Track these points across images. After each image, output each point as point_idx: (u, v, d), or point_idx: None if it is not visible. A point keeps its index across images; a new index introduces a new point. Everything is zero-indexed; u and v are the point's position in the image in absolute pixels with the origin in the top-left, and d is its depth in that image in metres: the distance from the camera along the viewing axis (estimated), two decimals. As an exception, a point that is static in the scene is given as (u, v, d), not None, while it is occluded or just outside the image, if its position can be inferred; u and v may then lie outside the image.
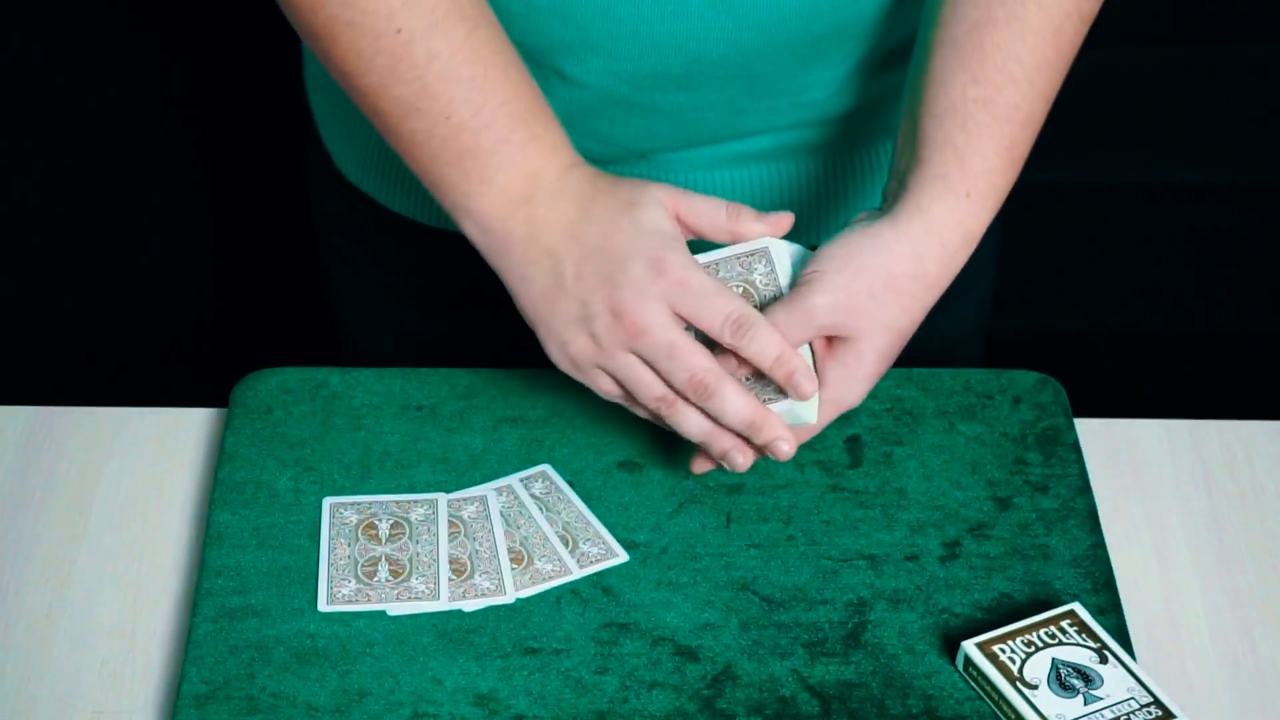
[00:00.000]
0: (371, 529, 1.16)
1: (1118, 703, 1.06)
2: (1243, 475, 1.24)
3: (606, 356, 1.12)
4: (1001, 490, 1.20)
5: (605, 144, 1.25)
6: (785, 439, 1.12)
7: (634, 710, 1.07)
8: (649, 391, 1.12)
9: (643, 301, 1.10)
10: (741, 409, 1.11)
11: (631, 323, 1.10)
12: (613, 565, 1.15)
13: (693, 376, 1.10)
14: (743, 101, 1.23)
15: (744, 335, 1.10)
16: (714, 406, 1.11)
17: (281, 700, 1.07)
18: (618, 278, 1.10)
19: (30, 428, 1.25)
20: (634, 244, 1.11)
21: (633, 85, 1.21)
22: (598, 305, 1.11)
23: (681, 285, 1.10)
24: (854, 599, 1.13)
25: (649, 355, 1.11)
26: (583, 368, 1.13)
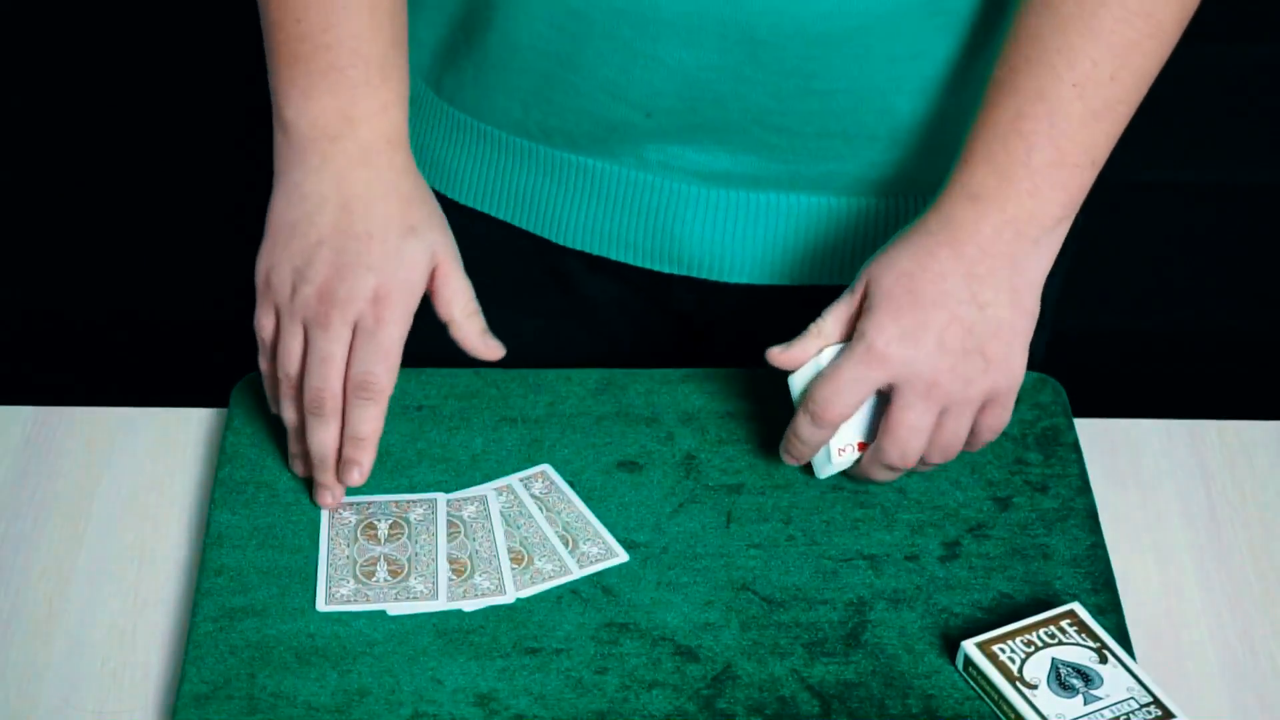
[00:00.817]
0: (370, 529, 1.16)
1: (1117, 702, 1.06)
2: (1243, 475, 1.24)
3: (289, 311, 1.16)
4: (1001, 490, 1.20)
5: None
6: (335, 495, 1.17)
7: (634, 710, 1.07)
8: (287, 364, 1.16)
9: (346, 307, 1.14)
10: (325, 441, 1.15)
11: (325, 313, 1.14)
12: (613, 565, 1.15)
13: (321, 389, 1.15)
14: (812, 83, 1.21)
15: (359, 398, 1.15)
16: (311, 422, 1.15)
17: (281, 700, 1.07)
18: (347, 273, 1.14)
19: (30, 428, 1.25)
20: (383, 262, 1.15)
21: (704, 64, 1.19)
22: (318, 275, 1.15)
23: (377, 324, 1.14)
24: (854, 599, 1.13)
25: (311, 342, 1.15)
26: (268, 296, 1.17)
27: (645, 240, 1.28)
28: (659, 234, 1.27)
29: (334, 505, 1.17)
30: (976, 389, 1.13)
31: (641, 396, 1.25)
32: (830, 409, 1.14)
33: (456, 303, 1.18)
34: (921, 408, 1.13)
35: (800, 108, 1.20)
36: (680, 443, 1.23)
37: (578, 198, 1.28)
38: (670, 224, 1.27)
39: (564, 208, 1.29)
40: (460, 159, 1.30)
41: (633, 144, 1.24)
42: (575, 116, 1.23)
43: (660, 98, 1.20)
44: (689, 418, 1.24)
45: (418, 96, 1.30)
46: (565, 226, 1.29)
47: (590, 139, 1.24)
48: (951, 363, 1.12)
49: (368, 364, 1.14)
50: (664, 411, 1.25)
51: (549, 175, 1.28)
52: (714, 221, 1.27)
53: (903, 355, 1.12)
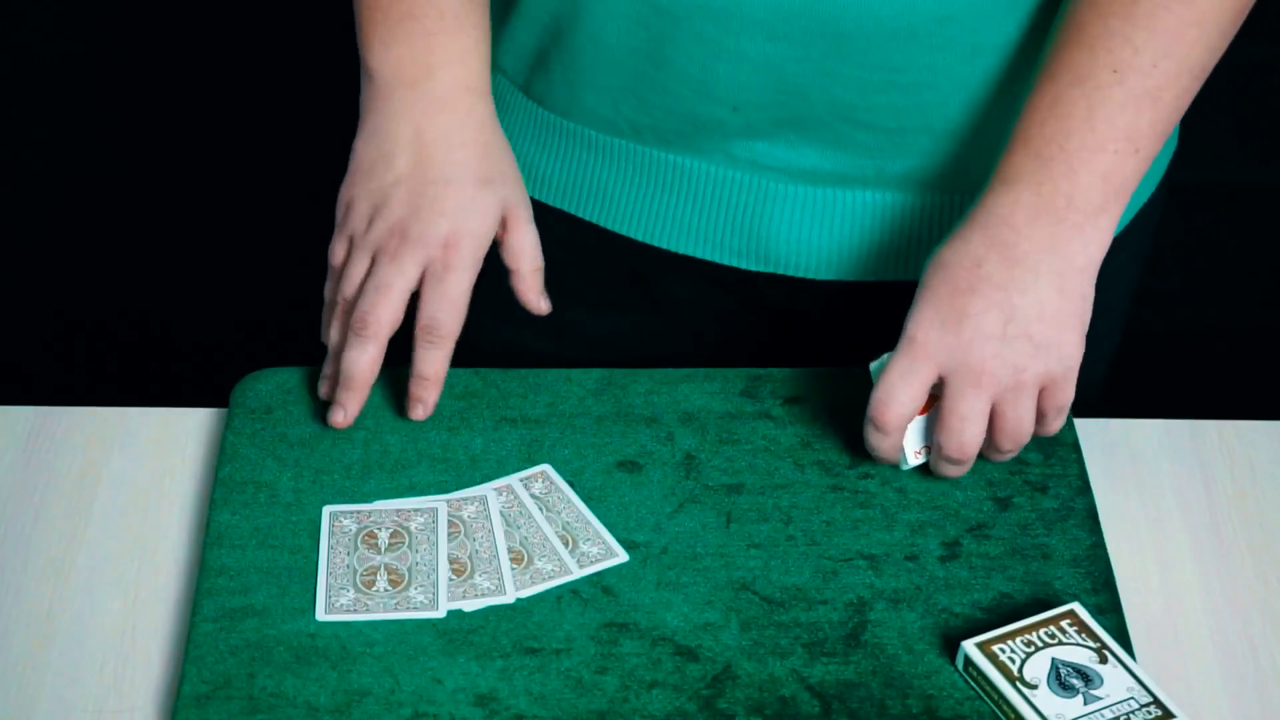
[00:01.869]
0: (371, 537, 1.16)
1: (1117, 702, 1.06)
2: (1243, 475, 1.24)
3: (361, 242, 1.20)
4: (1001, 490, 1.20)
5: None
6: (345, 411, 1.20)
7: (634, 710, 1.07)
8: (347, 288, 1.20)
9: (418, 246, 1.18)
10: (359, 362, 1.18)
11: (397, 247, 1.19)
12: (613, 565, 1.15)
13: (368, 313, 1.18)
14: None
15: (426, 341, 1.19)
16: (351, 341, 1.19)
17: (281, 700, 1.07)
18: (423, 214, 1.19)
19: (30, 428, 1.25)
20: (457, 208, 1.19)
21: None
22: (394, 213, 1.19)
23: (445, 269, 1.18)
24: (854, 599, 1.13)
25: (375, 270, 1.19)
26: (345, 228, 1.21)
27: (733, 238, 1.28)
28: (747, 232, 1.28)
29: (344, 423, 1.20)
30: (1029, 374, 1.13)
31: (641, 396, 1.25)
32: (886, 411, 1.14)
33: (525, 255, 1.22)
34: (971, 397, 1.13)
35: (884, 102, 1.21)
36: (680, 443, 1.23)
37: (667, 195, 1.29)
38: (758, 222, 1.27)
39: (652, 206, 1.29)
40: (548, 159, 1.32)
41: (720, 140, 1.24)
42: (663, 113, 1.24)
43: (746, 92, 1.21)
44: (689, 418, 1.24)
45: (506, 100, 1.32)
46: (653, 225, 1.30)
47: (679, 135, 1.25)
48: (995, 349, 1.12)
49: (435, 309, 1.19)
50: (664, 411, 1.25)
51: (639, 172, 1.28)
52: (801, 219, 1.27)
53: (943, 344, 1.13)
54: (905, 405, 1.14)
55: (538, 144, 1.32)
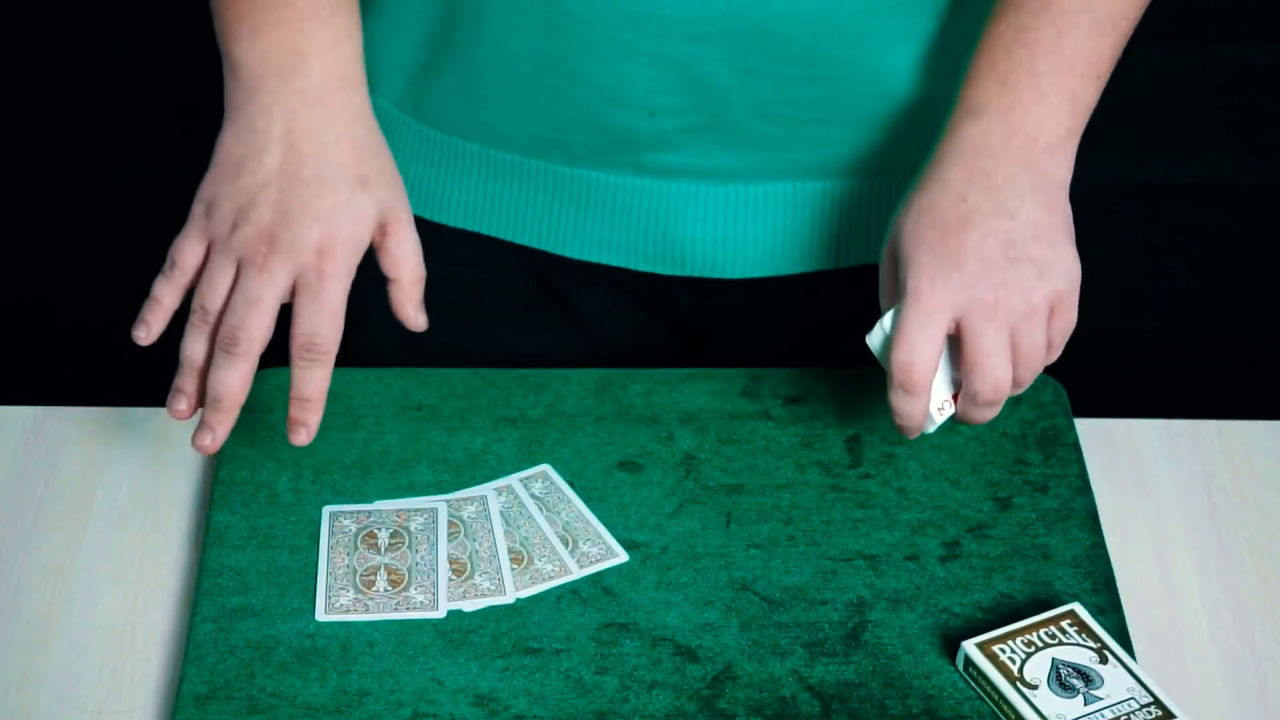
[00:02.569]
0: (371, 538, 1.16)
1: (1118, 703, 1.06)
2: (1243, 475, 1.24)
3: (224, 247, 1.11)
4: (1001, 490, 1.20)
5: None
6: (214, 436, 1.11)
7: (634, 710, 1.07)
8: (209, 297, 1.11)
9: (288, 254, 1.10)
10: (230, 383, 1.10)
11: (265, 256, 1.10)
12: (613, 565, 1.15)
13: (239, 329, 1.10)
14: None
15: (305, 359, 1.11)
16: (220, 360, 1.10)
17: (281, 700, 1.07)
18: (293, 220, 1.10)
19: (30, 428, 1.25)
20: (330, 214, 1.11)
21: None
22: (262, 217, 1.10)
23: (319, 279, 1.10)
24: (854, 599, 1.13)
25: (242, 280, 1.10)
26: (203, 229, 1.12)
27: (645, 244, 1.28)
28: (658, 237, 1.27)
29: (212, 449, 1.12)
30: (1039, 296, 1.11)
31: (641, 396, 1.25)
32: (914, 372, 1.11)
33: (405, 265, 1.14)
34: (993, 331, 1.10)
35: (802, 96, 1.21)
36: (680, 443, 1.23)
37: (573, 209, 1.27)
38: (669, 226, 1.27)
39: (559, 219, 1.28)
40: (447, 181, 1.29)
41: (630, 152, 1.24)
42: (572, 126, 1.23)
43: (664, 95, 1.20)
44: (689, 418, 1.24)
45: (393, 126, 1.28)
46: (560, 237, 1.28)
47: (586, 148, 1.24)
48: (1003, 276, 1.10)
49: (313, 324, 1.10)
50: (664, 411, 1.24)
51: (543, 190, 1.27)
52: (713, 218, 1.26)
53: (951, 286, 1.10)
54: (929, 360, 1.11)
55: (434, 166, 1.28)
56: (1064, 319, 1.13)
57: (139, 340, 1.14)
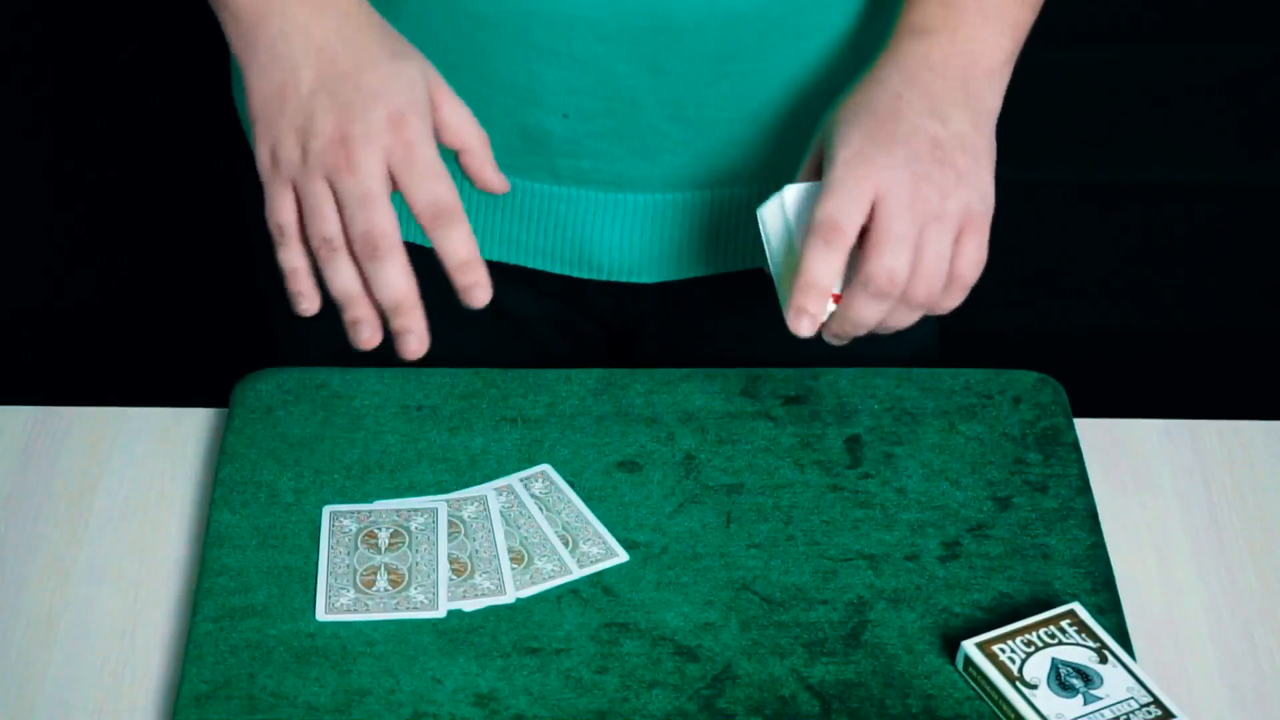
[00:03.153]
0: (371, 537, 1.16)
1: (1117, 702, 1.06)
2: (1243, 475, 1.24)
3: (306, 174, 1.08)
4: (1001, 490, 1.20)
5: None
6: (418, 335, 1.08)
7: (634, 710, 1.07)
8: (323, 226, 1.07)
9: (368, 142, 1.07)
10: (396, 282, 1.07)
11: (348, 156, 1.07)
12: (613, 565, 1.15)
13: (370, 231, 1.06)
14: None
15: (439, 225, 1.07)
16: (372, 269, 1.07)
17: (281, 700, 1.07)
18: (355, 109, 1.08)
19: (30, 428, 1.25)
20: (385, 87, 1.08)
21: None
22: (325, 125, 1.07)
23: (409, 149, 1.07)
24: (854, 599, 1.13)
25: (343, 193, 1.07)
26: (279, 177, 1.09)
27: (561, 249, 1.28)
28: (575, 242, 1.28)
29: (423, 350, 1.09)
30: (954, 203, 1.10)
31: (641, 396, 1.25)
32: (838, 224, 1.09)
33: (467, 130, 1.12)
34: (906, 219, 1.09)
35: (713, 94, 1.21)
36: (680, 443, 1.23)
37: (490, 212, 1.28)
38: (585, 232, 1.27)
39: (476, 222, 1.28)
40: None
41: (546, 157, 1.24)
42: (487, 129, 1.22)
43: (576, 97, 1.20)
44: (689, 418, 1.24)
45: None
46: (479, 240, 1.28)
47: (503, 151, 1.23)
48: (926, 170, 1.10)
49: (425, 190, 1.07)
50: (664, 411, 1.25)
51: (459, 193, 1.26)
52: (628, 226, 1.27)
53: (879, 161, 1.09)
54: (853, 219, 1.09)
55: None
56: (972, 244, 1.11)
57: (305, 312, 1.10)
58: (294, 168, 1.08)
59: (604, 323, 1.37)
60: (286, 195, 1.09)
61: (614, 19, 1.16)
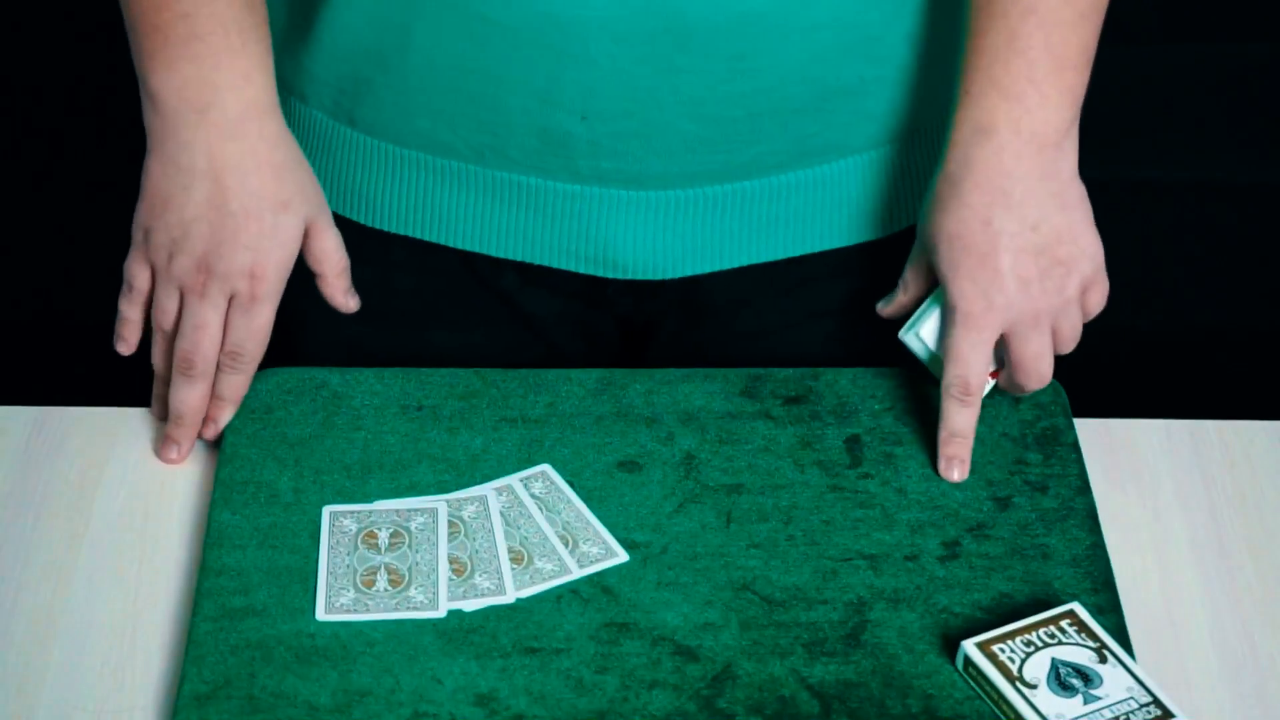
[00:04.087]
0: (371, 537, 1.16)
1: (1117, 702, 1.06)
2: (1243, 475, 1.24)
3: (164, 274, 1.21)
4: (1001, 490, 1.20)
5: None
6: (179, 449, 1.23)
7: (634, 710, 1.07)
8: (163, 321, 1.22)
9: (224, 282, 1.20)
10: (189, 400, 1.22)
11: (204, 285, 1.20)
12: (613, 565, 1.15)
13: (191, 354, 1.21)
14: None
15: (227, 365, 1.22)
16: (178, 381, 1.22)
17: (282, 700, 1.07)
18: (223, 250, 1.19)
19: (30, 428, 1.25)
20: (258, 242, 1.19)
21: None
22: (196, 249, 1.19)
23: (251, 301, 1.20)
24: (854, 599, 1.13)
25: (187, 309, 1.21)
26: (144, 251, 1.21)
27: (582, 248, 1.28)
28: (595, 241, 1.27)
29: (178, 461, 1.23)
30: (1072, 289, 1.19)
31: (641, 396, 1.25)
32: (970, 387, 1.19)
33: (328, 260, 1.24)
34: (1036, 337, 1.20)
35: (730, 91, 1.21)
36: (680, 443, 1.23)
37: (511, 212, 1.27)
38: (606, 231, 1.27)
39: (497, 223, 1.28)
40: (383, 188, 1.29)
41: (566, 157, 1.24)
42: (507, 132, 1.23)
43: (595, 99, 1.20)
44: (689, 418, 1.24)
45: (325, 134, 1.29)
46: (499, 241, 1.29)
47: (523, 153, 1.24)
48: (1040, 288, 1.18)
49: (241, 339, 1.21)
50: (664, 411, 1.25)
51: (481, 193, 1.27)
52: (648, 223, 1.27)
53: (997, 307, 1.18)
54: (982, 373, 1.20)
55: (371, 173, 1.29)
56: (1096, 293, 1.22)
57: (121, 352, 1.26)
58: (158, 261, 1.21)
59: (622, 321, 1.37)
60: (145, 266, 1.22)
61: (629, 21, 1.17)
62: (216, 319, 1.21)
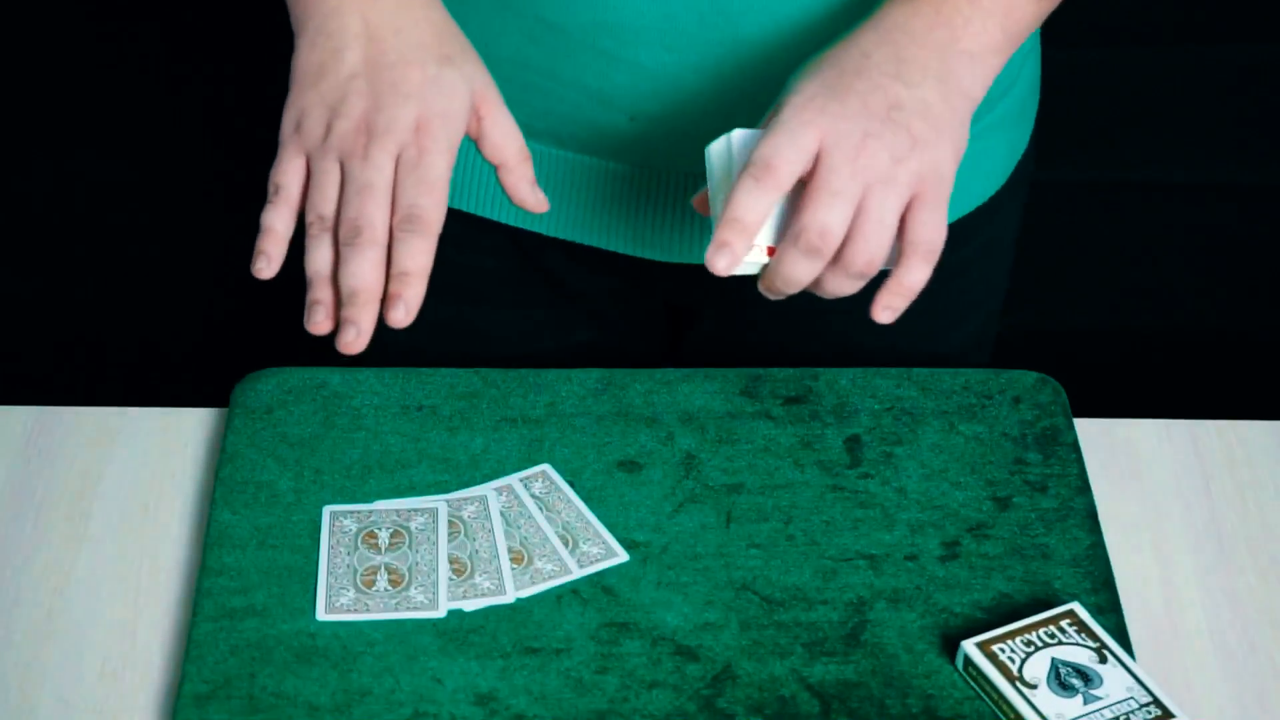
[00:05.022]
0: (371, 537, 1.16)
1: (1117, 702, 1.06)
2: (1243, 475, 1.24)
3: (323, 151, 1.09)
4: (1001, 490, 1.20)
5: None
6: (359, 330, 1.06)
7: (634, 710, 1.07)
8: (322, 204, 1.08)
9: (388, 138, 1.08)
10: (362, 272, 1.06)
11: (366, 144, 1.08)
12: (613, 565, 1.15)
13: (358, 218, 1.07)
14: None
15: (404, 230, 1.07)
16: (347, 253, 1.07)
17: (282, 700, 1.07)
18: (386, 103, 1.08)
19: (30, 428, 1.26)
20: (421, 90, 1.09)
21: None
22: (355, 110, 1.09)
23: (420, 155, 1.08)
24: (854, 599, 1.13)
25: (350, 177, 1.08)
26: (296, 144, 1.10)
27: (629, 229, 1.28)
28: (643, 223, 1.28)
29: (360, 347, 1.07)
30: (905, 169, 1.06)
31: (641, 396, 1.26)
32: (771, 164, 1.05)
33: (509, 145, 1.13)
34: (847, 173, 1.05)
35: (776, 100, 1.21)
36: (680, 443, 1.23)
37: (562, 191, 1.28)
38: (653, 214, 1.27)
39: (551, 200, 1.28)
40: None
41: (615, 149, 1.24)
42: (559, 120, 1.24)
43: (643, 102, 1.21)
44: (689, 418, 1.24)
45: None
46: (549, 218, 1.29)
47: (574, 139, 1.25)
48: (878, 128, 1.06)
49: (414, 196, 1.07)
50: (664, 411, 1.25)
51: (536, 169, 1.27)
52: (693, 210, 1.27)
53: (829, 110, 1.06)
54: (791, 162, 1.05)
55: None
56: (924, 215, 1.07)
57: (259, 273, 1.09)
58: (313, 141, 1.09)
59: (670, 305, 1.37)
60: (297, 161, 1.09)
61: (680, 31, 1.16)
62: (382, 180, 1.07)
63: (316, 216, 1.08)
